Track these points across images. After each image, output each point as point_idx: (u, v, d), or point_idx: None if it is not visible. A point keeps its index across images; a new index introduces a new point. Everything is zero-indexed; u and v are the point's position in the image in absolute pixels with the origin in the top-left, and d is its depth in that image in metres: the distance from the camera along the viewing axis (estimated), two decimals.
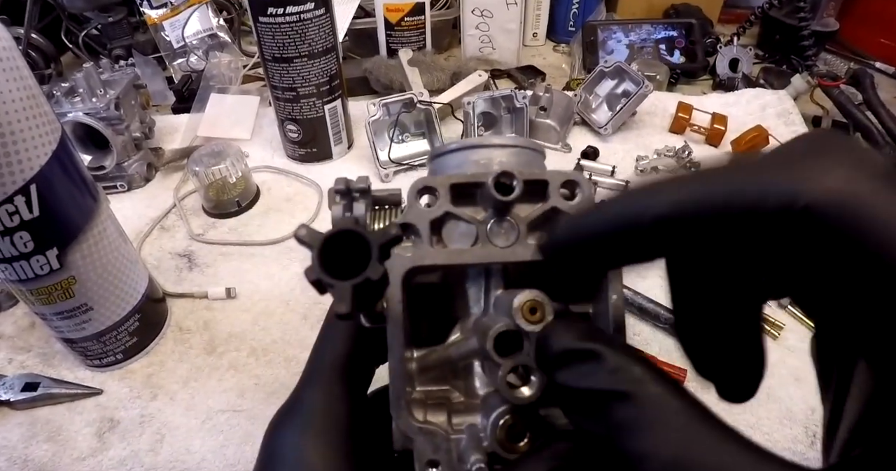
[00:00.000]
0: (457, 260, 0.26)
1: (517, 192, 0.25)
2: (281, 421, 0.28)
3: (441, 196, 0.27)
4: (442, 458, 0.25)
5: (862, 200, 0.15)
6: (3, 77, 0.41)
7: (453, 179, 0.27)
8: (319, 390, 0.28)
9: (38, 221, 0.46)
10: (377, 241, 0.20)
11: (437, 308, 0.30)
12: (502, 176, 0.25)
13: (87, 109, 0.77)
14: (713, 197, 0.17)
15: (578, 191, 0.27)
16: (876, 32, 1.19)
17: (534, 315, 0.23)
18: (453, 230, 0.27)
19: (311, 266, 0.20)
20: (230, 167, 0.74)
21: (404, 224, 0.27)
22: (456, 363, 0.28)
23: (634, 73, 0.86)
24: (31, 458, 0.53)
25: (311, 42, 0.74)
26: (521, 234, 0.27)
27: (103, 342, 0.57)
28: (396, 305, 0.26)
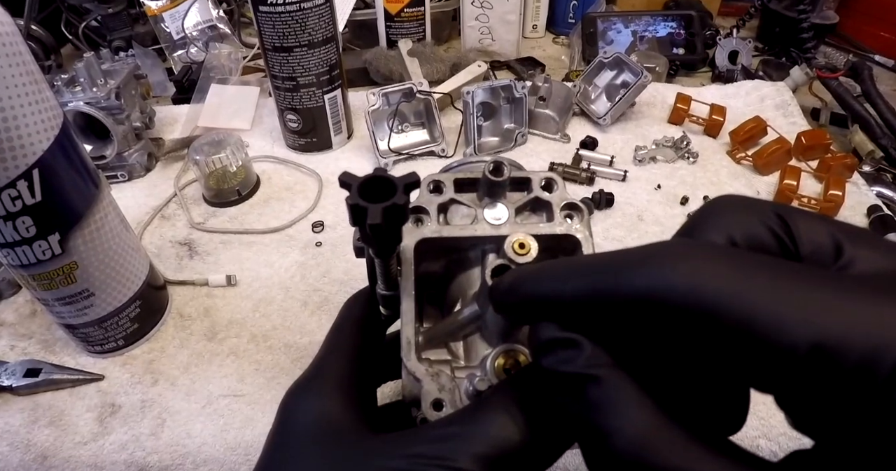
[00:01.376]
0: (458, 234, 0.33)
1: (506, 174, 0.32)
2: (300, 385, 0.30)
3: (447, 187, 0.34)
4: (446, 397, 0.29)
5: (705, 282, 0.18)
6: (6, 61, 0.42)
7: (457, 175, 0.35)
8: (335, 361, 0.32)
9: (40, 206, 0.46)
10: (402, 181, 0.26)
11: (440, 295, 0.37)
12: (496, 163, 0.32)
13: (88, 99, 0.77)
14: (599, 287, 0.20)
15: (555, 186, 0.35)
16: (875, 25, 1.19)
17: (522, 249, 0.26)
18: (457, 212, 0.35)
19: (352, 194, 0.25)
20: (230, 156, 0.75)
21: (417, 207, 0.33)
22: (458, 333, 0.33)
23: (633, 63, 0.86)
24: (33, 442, 0.53)
25: (312, 31, 0.75)
26: (511, 215, 0.34)
27: (105, 328, 0.57)
28: (410, 267, 0.32)
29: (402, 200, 0.25)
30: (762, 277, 0.17)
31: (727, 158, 0.85)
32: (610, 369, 0.20)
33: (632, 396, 0.19)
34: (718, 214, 0.22)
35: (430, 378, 0.29)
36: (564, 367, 0.21)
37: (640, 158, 0.84)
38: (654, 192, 0.79)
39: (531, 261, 0.26)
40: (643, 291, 0.18)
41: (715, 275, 0.18)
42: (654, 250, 0.19)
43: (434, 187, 0.34)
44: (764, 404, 0.54)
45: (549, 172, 0.35)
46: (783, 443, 0.52)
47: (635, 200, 0.78)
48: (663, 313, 0.18)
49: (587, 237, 0.33)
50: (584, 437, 0.21)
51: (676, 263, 0.18)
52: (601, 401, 0.20)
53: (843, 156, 0.80)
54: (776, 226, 0.21)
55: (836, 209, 0.74)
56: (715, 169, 0.83)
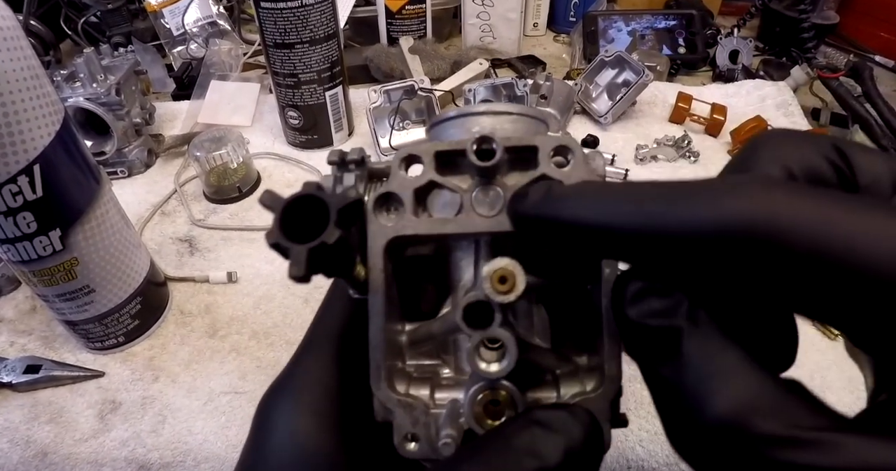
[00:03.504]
0: (439, 229, 0.25)
1: (498, 156, 0.24)
2: (274, 392, 0.28)
3: (426, 164, 0.26)
4: (421, 432, 0.24)
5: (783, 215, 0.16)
6: (7, 56, 0.41)
7: (438, 146, 0.26)
8: (314, 363, 0.28)
9: (41, 202, 0.46)
10: (336, 204, 0.20)
11: (433, 281, 0.30)
12: (482, 141, 0.24)
13: (88, 95, 0.77)
14: (657, 218, 0.18)
15: (571, 157, 0.25)
16: (876, 26, 1.19)
17: (503, 285, 0.22)
18: (439, 200, 0.27)
19: (271, 229, 0.20)
20: (231, 153, 0.74)
21: (387, 193, 0.26)
22: (445, 338, 0.27)
23: (635, 62, 0.86)
24: (33, 439, 0.53)
25: (313, 28, 0.74)
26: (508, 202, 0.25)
27: (105, 325, 0.57)
28: (378, 275, 0.25)
29: (332, 237, 0.20)
30: (839, 206, 0.16)
31: (728, 157, 0.85)
32: (712, 326, 0.18)
33: (736, 354, 0.17)
34: (773, 146, 0.20)
35: (403, 410, 0.25)
36: (656, 320, 0.19)
37: (641, 157, 0.84)
38: None
39: (513, 299, 0.22)
40: (712, 222, 0.17)
41: (790, 202, 0.16)
42: (713, 183, 0.18)
43: (409, 165, 0.26)
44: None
45: (560, 136, 0.26)
46: None
47: None
48: (734, 246, 0.16)
49: None
50: (672, 403, 0.18)
51: (749, 193, 0.17)
52: (699, 359, 0.18)
53: None
54: (835, 157, 0.20)
55: None
56: (716, 168, 0.83)
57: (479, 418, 0.23)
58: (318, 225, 0.20)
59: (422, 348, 0.28)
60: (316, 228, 0.20)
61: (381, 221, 0.25)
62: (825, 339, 0.60)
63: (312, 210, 0.21)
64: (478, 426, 0.23)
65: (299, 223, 0.21)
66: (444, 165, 0.26)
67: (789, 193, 0.17)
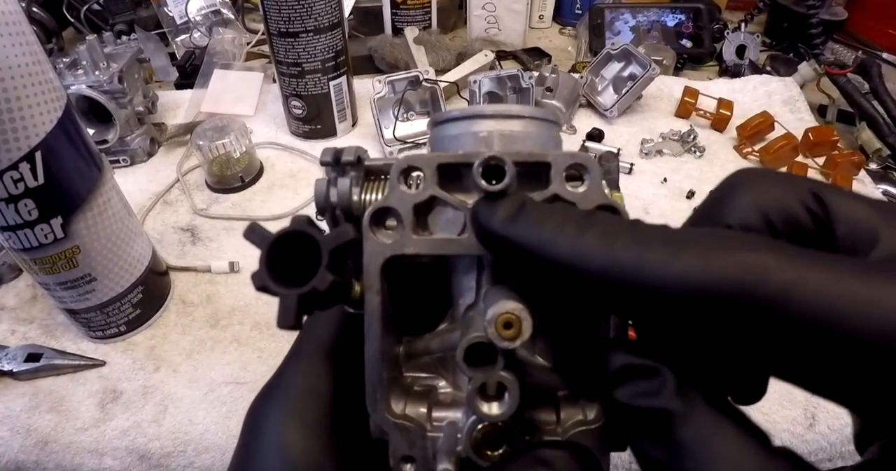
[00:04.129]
0: (440, 250, 0.24)
1: (508, 180, 0.21)
2: (263, 400, 0.27)
3: (427, 177, 0.24)
4: (417, 455, 0.24)
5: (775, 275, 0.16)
6: (9, 41, 0.41)
7: (441, 158, 0.24)
8: (302, 371, 0.27)
9: (42, 189, 0.46)
10: (328, 245, 0.19)
11: (431, 289, 0.28)
12: (491, 160, 0.22)
13: (91, 82, 0.76)
14: (638, 277, 0.17)
15: (587, 176, 0.24)
16: (884, 23, 1.18)
17: (508, 330, 0.20)
18: (440, 216, 0.25)
19: (258, 271, 0.19)
20: (234, 142, 0.74)
21: (385, 208, 0.24)
22: (444, 355, 0.26)
23: (641, 55, 0.85)
24: (34, 427, 0.53)
25: (318, 17, 0.74)
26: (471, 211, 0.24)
27: (106, 313, 0.57)
28: (374, 297, 0.24)
29: (324, 283, 0.19)
30: (826, 268, 0.16)
31: (734, 152, 0.85)
32: (703, 405, 0.17)
33: (730, 434, 0.17)
34: (750, 189, 0.20)
35: (399, 433, 0.24)
36: (646, 402, 0.18)
37: (646, 151, 0.83)
38: (661, 185, 0.79)
39: (517, 346, 0.20)
40: (698, 282, 0.16)
41: (779, 265, 0.16)
42: (696, 237, 0.17)
43: (408, 177, 0.24)
44: (766, 400, 0.54)
45: (577, 153, 0.24)
46: (786, 439, 0.52)
47: (641, 193, 0.77)
48: (720, 307, 0.16)
49: None
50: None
51: (735, 251, 0.16)
52: (693, 444, 0.17)
53: (850, 153, 0.80)
54: (813, 204, 0.19)
55: None
56: (721, 163, 0.83)
57: (476, 448, 0.22)
58: (308, 262, 0.19)
59: (419, 362, 0.27)
60: (306, 266, 0.19)
61: (378, 237, 0.24)
62: None
63: (302, 246, 0.19)
64: (476, 456, 0.22)
65: (288, 258, 0.19)
66: (447, 177, 0.24)
67: (779, 256, 0.16)
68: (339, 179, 0.26)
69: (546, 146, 0.27)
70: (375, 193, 0.26)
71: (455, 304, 0.27)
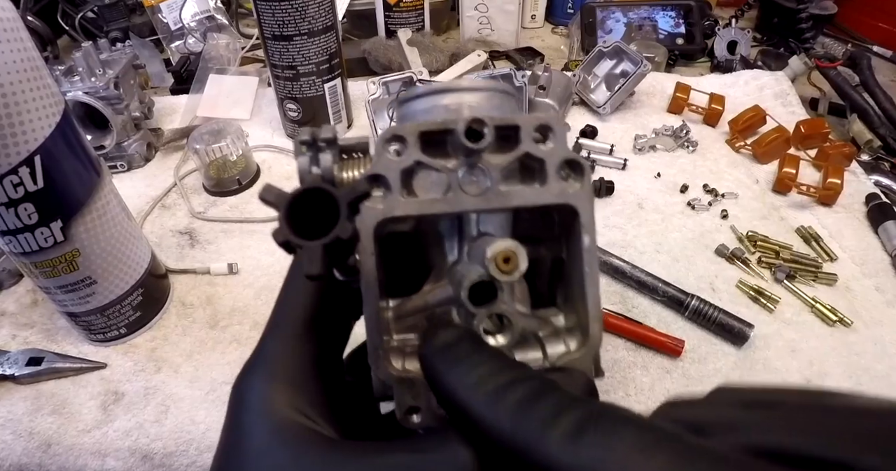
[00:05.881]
0: (428, 210, 0.26)
1: (488, 138, 0.24)
2: (246, 373, 0.27)
3: (410, 145, 0.26)
4: (422, 404, 0.25)
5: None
6: (7, 47, 0.41)
7: (422, 126, 0.26)
8: (282, 340, 0.27)
9: (42, 193, 0.46)
10: (345, 198, 0.20)
11: (411, 256, 0.30)
12: (473, 122, 0.24)
13: (87, 89, 0.77)
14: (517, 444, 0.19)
15: (551, 135, 0.26)
16: (874, 16, 1.19)
17: (507, 265, 0.22)
18: (424, 179, 0.27)
19: (279, 228, 0.20)
20: (230, 145, 0.75)
21: (374, 175, 0.26)
22: (433, 311, 0.28)
23: (633, 52, 0.86)
24: (36, 431, 0.53)
25: (312, 20, 0.74)
26: (494, 181, 0.26)
27: (107, 316, 0.57)
28: (369, 259, 0.26)
29: (346, 231, 0.20)
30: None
31: (726, 146, 0.86)
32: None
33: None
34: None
35: (403, 385, 0.25)
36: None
37: (639, 147, 0.84)
38: (654, 180, 0.79)
39: (517, 278, 0.22)
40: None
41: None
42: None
43: (394, 145, 0.27)
44: None
45: (542, 115, 0.28)
46: None
47: (635, 188, 0.78)
48: None
49: (587, 206, 0.27)
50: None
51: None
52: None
53: (841, 145, 0.81)
54: None
55: (834, 197, 0.74)
56: (714, 158, 0.83)
57: None
58: (323, 218, 0.20)
59: (406, 323, 0.29)
60: (321, 222, 0.20)
61: (368, 203, 0.25)
62: (824, 326, 0.60)
63: (316, 203, 0.20)
64: None
65: (303, 218, 0.20)
66: (428, 144, 0.26)
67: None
68: (321, 156, 0.27)
69: (507, 114, 0.30)
70: (354, 170, 0.28)
71: (437, 266, 0.29)
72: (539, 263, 0.30)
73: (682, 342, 0.56)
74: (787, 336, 0.59)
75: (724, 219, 0.73)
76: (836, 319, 0.60)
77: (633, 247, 0.69)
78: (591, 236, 0.27)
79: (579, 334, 0.28)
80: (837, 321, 0.60)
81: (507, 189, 0.26)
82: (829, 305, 0.61)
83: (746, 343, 0.57)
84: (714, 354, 0.57)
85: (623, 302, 0.63)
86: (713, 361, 0.57)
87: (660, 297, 0.61)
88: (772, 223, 0.72)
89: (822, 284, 0.65)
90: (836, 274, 0.65)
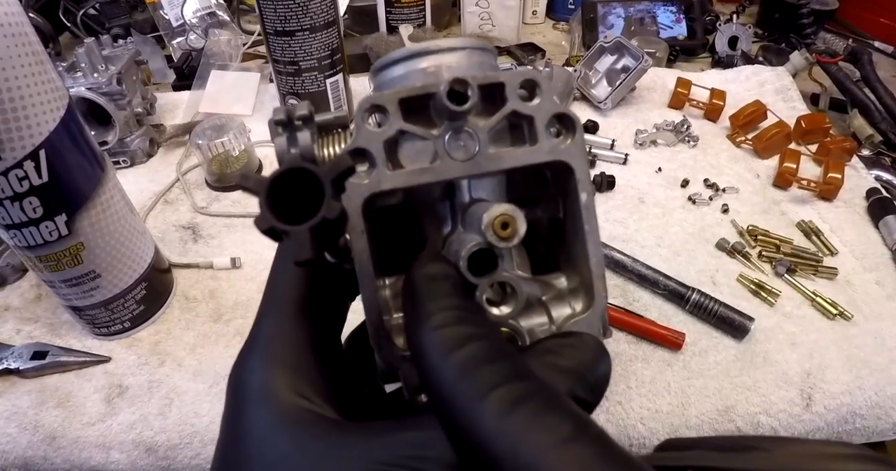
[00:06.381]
0: (417, 180, 0.25)
1: (473, 99, 0.23)
2: (243, 358, 0.26)
3: (391, 114, 0.25)
4: None
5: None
6: (12, 42, 0.42)
7: (402, 92, 0.25)
8: (276, 324, 0.27)
9: (46, 187, 0.47)
10: (328, 175, 0.19)
11: (403, 230, 0.29)
12: (455, 83, 0.23)
13: (90, 84, 0.77)
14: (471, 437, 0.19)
15: (538, 91, 0.25)
16: (875, 12, 1.19)
17: (505, 230, 0.22)
18: (409, 149, 0.25)
19: (261, 214, 0.18)
20: (233, 140, 0.75)
21: (356, 149, 0.24)
22: None
23: (634, 48, 0.86)
24: (41, 424, 0.54)
25: (313, 15, 0.75)
26: (483, 144, 0.25)
27: (111, 310, 0.58)
28: (360, 238, 0.24)
29: (333, 211, 0.19)
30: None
31: (727, 141, 0.86)
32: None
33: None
34: None
35: (409, 364, 0.25)
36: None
37: (640, 142, 0.84)
38: (655, 175, 0.80)
39: (516, 243, 0.22)
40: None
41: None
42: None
43: (375, 116, 0.25)
44: (765, 381, 0.55)
45: (526, 70, 0.26)
46: (783, 419, 0.53)
47: (636, 182, 0.78)
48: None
49: (581, 161, 0.26)
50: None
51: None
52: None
53: (842, 140, 0.81)
54: None
55: (835, 192, 0.74)
56: (715, 152, 0.84)
57: None
58: (307, 200, 0.19)
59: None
60: (306, 205, 0.19)
61: (353, 179, 0.24)
62: (824, 319, 0.60)
63: (299, 185, 0.19)
64: None
65: (286, 201, 0.19)
66: (410, 111, 0.25)
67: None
68: (299, 134, 0.26)
69: (487, 72, 0.28)
70: (334, 146, 0.27)
71: (432, 238, 0.28)
72: (536, 224, 0.29)
73: (682, 335, 0.57)
74: (787, 329, 0.59)
75: (724, 213, 0.73)
76: (836, 313, 0.60)
77: (634, 241, 0.69)
78: (588, 192, 0.26)
79: (584, 295, 0.27)
80: (838, 315, 0.60)
81: (497, 151, 0.25)
82: (830, 298, 0.61)
83: (747, 336, 0.58)
84: (715, 347, 0.58)
85: (624, 295, 0.63)
86: (714, 354, 0.57)
87: (661, 290, 0.62)
88: (772, 218, 0.73)
89: (823, 277, 0.65)
90: (837, 268, 0.65)
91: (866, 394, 0.54)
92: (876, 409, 0.54)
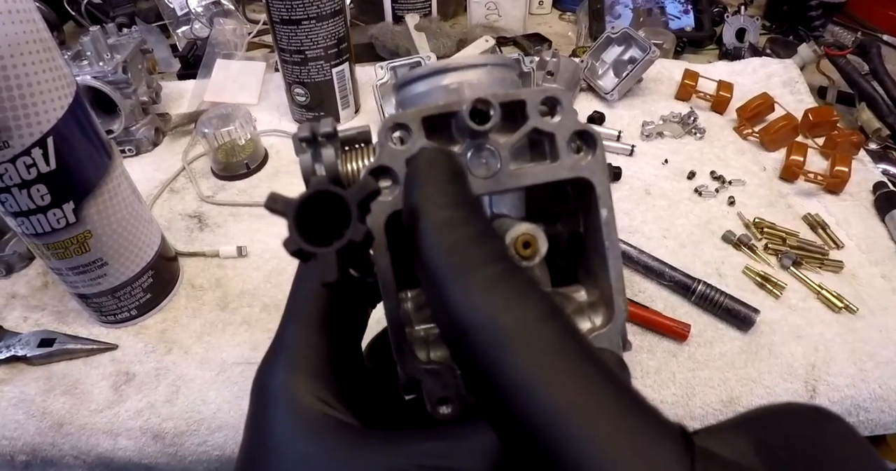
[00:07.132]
0: None
1: (495, 119, 0.23)
2: (268, 363, 0.27)
3: (414, 131, 0.25)
4: (451, 394, 0.25)
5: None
6: (20, 29, 0.42)
7: (424, 111, 0.25)
8: (299, 332, 0.27)
9: (54, 174, 0.47)
10: (355, 198, 0.19)
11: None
12: (478, 103, 0.23)
13: (95, 73, 0.77)
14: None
15: (558, 108, 0.25)
16: (884, 5, 1.18)
17: (527, 249, 0.22)
18: None
19: (290, 237, 0.19)
20: (239, 129, 0.75)
21: (380, 167, 0.25)
22: None
23: (641, 39, 0.86)
24: (49, 411, 0.54)
25: (320, 3, 0.74)
26: (504, 161, 0.25)
27: (118, 298, 0.58)
28: (383, 254, 0.25)
29: (359, 233, 0.19)
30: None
31: (734, 134, 0.85)
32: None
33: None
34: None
35: (431, 378, 0.25)
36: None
37: (647, 134, 0.84)
38: (662, 166, 0.79)
39: (537, 262, 0.22)
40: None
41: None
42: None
43: (397, 134, 0.25)
44: (770, 373, 0.55)
45: (547, 87, 0.26)
46: None
47: (642, 174, 0.78)
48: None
49: (602, 177, 0.26)
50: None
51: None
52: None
53: (849, 133, 0.81)
54: None
55: (842, 185, 0.74)
56: (722, 145, 0.83)
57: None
58: (331, 221, 0.19)
59: (427, 312, 0.28)
60: (330, 226, 0.19)
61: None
62: (829, 312, 0.60)
63: (325, 205, 0.19)
64: None
65: (312, 221, 0.19)
66: (432, 129, 0.25)
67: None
68: (323, 151, 0.26)
69: (509, 88, 0.29)
70: (357, 161, 0.27)
71: None
72: (556, 239, 0.29)
73: (688, 327, 0.57)
74: (792, 322, 0.59)
75: (731, 205, 0.73)
76: (841, 306, 0.60)
77: (640, 232, 0.69)
78: (609, 208, 0.26)
79: (604, 309, 0.27)
80: (843, 308, 0.60)
81: (518, 168, 0.25)
82: (835, 291, 0.61)
83: (752, 328, 0.58)
84: (720, 338, 0.58)
85: (630, 287, 0.63)
86: (719, 345, 0.57)
87: (666, 282, 0.62)
88: (779, 210, 0.72)
89: (828, 271, 0.65)
90: (843, 261, 0.65)
91: (870, 387, 0.54)
92: (880, 402, 0.54)
